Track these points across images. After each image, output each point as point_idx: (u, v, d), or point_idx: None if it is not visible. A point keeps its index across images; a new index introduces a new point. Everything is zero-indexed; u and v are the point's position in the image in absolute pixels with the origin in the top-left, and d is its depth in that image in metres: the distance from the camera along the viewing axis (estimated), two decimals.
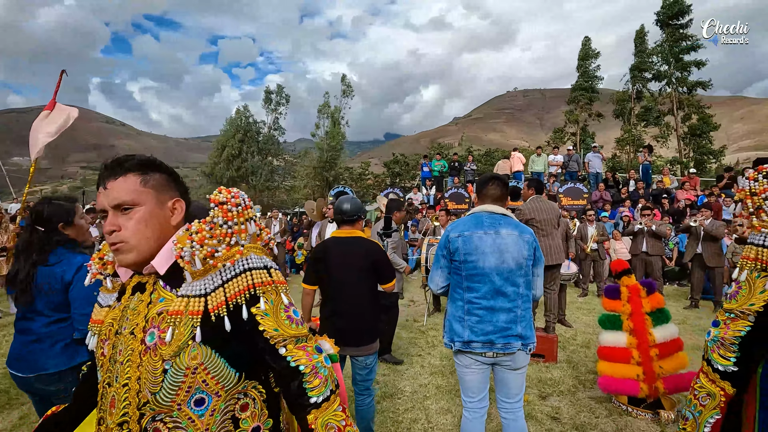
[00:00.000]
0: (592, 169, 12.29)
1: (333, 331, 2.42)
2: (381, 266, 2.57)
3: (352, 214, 2.60)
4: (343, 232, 2.61)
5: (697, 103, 27.86)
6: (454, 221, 2.23)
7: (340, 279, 2.49)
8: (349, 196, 2.78)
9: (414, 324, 5.63)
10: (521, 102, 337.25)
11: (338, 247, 2.56)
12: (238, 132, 34.98)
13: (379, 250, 2.65)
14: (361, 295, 2.51)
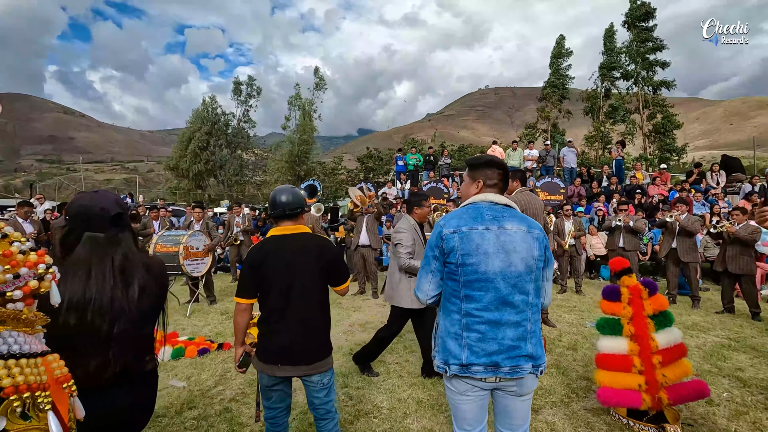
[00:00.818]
0: (566, 164, 12.25)
1: (277, 350, 2.04)
2: (336, 266, 2.21)
3: (296, 206, 2.16)
4: (284, 229, 2.16)
5: (662, 102, 28.91)
6: (445, 214, 1.81)
7: (287, 287, 2.05)
8: (287, 185, 2.34)
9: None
10: (492, 99, 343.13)
11: (281, 248, 2.10)
12: (205, 124, 33.56)
13: (333, 247, 2.30)
14: (313, 303, 2.12)
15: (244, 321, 2.13)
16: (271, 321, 2.08)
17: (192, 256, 5.95)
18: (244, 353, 2.15)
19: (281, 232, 2.14)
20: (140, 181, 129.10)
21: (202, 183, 33.97)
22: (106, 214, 1.59)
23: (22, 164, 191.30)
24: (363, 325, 5.28)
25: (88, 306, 1.42)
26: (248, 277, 2.09)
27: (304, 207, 2.24)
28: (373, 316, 5.72)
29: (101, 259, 1.53)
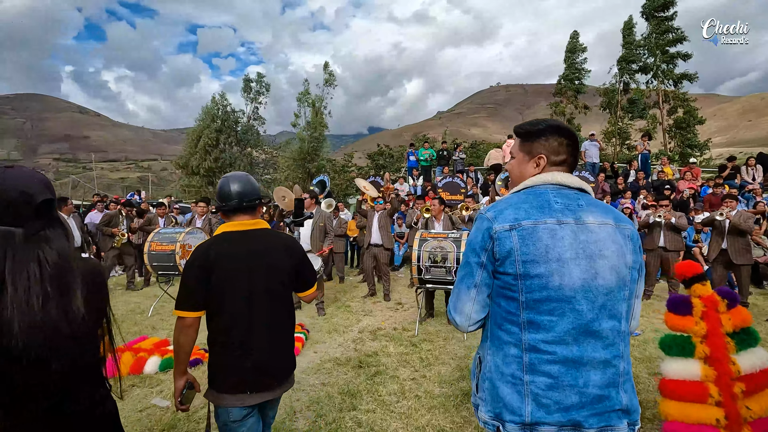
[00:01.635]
0: (588, 159, 11.60)
1: (247, 372, 1.64)
2: (304, 267, 1.87)
3: (254, 196, 1.78)
4: (240, 224, 1.75)
5: (683, 96, 27.92)
6: (494, 202, 1.30)
7: (248, 294, 1.66)
8: (240, 172, 1.93)
9: (403, 334, 4.73)
10: (503, 97, 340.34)
11: (239, 247, 1.70)
12: (214, 121, 33.39)
13: (300, 246, 1.93)
14: (282, 311, 1.77)
15: (190, 340, 1.65)
16: (232, 339, 1.64)
17: (189, 254, 5.51)
18: (186, 384, 1.70)
19: (237, 228, 1.74)
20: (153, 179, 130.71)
21: (212, 180, 33.85)
22: (29, 200, 1.10)
23: (39, 163, 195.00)
24: (374, 333, 4.79)
25: (5, 334, 0.95)
26: (194, 283, 1.62)
27: (261, 198, 1.88)
28: (384, 322, 5.23)
29: (22, 265, 1.04)
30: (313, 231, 5.69)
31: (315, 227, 5.70)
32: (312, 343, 4.42)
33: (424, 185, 11.31)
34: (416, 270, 4.56)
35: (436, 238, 4.62)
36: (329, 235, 5.83)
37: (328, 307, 6.01)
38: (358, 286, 7.79)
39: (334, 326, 5.01)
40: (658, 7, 28.13)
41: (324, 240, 5.77)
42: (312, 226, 5.69)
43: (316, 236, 5.69)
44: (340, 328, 4.95)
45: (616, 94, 30.09)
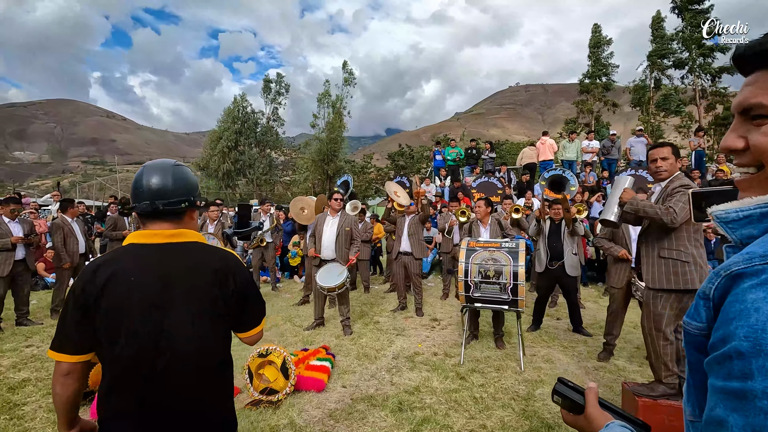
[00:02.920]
0: (634, 156, 10.62)
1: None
2: (247, 299, 1.30)
3: (179, 196, 1.25)
4: (154, 234, 1.22)
5: (723, 92, 26.38)
6: None
7: (151, 334, 1.13)
8: (161, 161, 1.32)
9: (446, 362, 3.99)
10: (523, 97, 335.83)
11: (143, 268, 1.18)
12: (235, 122, 33.32)
13: (242, 269, 1.32)
14: (204, 364, 1.19)
15: (69, 393, 1.18)
16: (120, 405, 1.11)
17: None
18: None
19: (147, 240, 1.21)
20: None
21: (231, 182, 33.77)
22: None
23: (69, 166, 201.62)
24: (411, 359, 4.06)
25: None
26: (74, 316, 1.13)
27: (194, 201, 1.29)
28: (421, 344, 4.50)
29: None
30: (338, 237, 5.02)
31: (340, 232, 5.03)
32: (339, 372, 3.72)
33: (453, 186, 10.54)
34: (463, 286, 3.81)
35: (487, 248, 3.88)
36: (356, 241, 5.15)
37: (355, 323, 5.32)
38: (385, 297, 7.08)
39: (364, 349, 4.31)
40: (693, 0, 26.78)
41: (351, 247, 5.10)
42: (337, 231, 5.02)
43: (341, 243, 5.02)
44: (370, 352, 4.24)
45: (647, 90, 28.79)
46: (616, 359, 4.10)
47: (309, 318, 5.52)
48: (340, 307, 4.99)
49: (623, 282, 4.05)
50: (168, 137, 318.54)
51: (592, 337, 4.81)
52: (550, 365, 3.91)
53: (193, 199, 1.27)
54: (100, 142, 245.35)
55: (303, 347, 4.31)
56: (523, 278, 3.63)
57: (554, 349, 4.36)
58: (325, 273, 4.87)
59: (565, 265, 4.90)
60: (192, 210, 1.29)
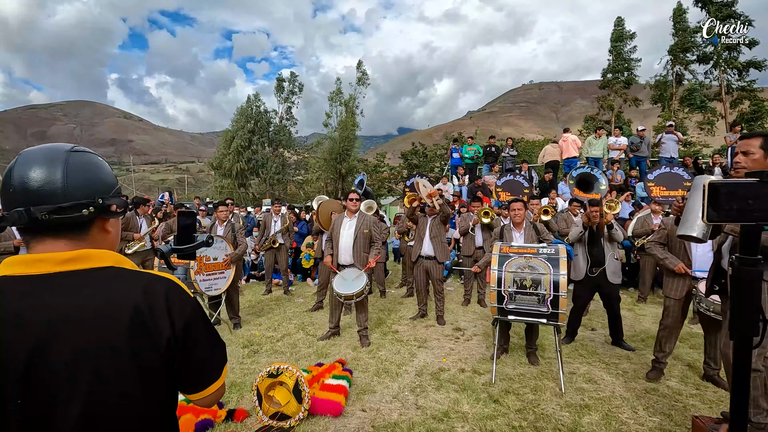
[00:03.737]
0: (664, 153, 10.03)
1: None
2: (195, 343, 0.87)
3: (82, 196, 0.82)
4: (39, 260, 0.79)
5: (750, 87, 25.33)
6: None
7: (32, 418, 0.71)
8: (48, 146, 0.84)
9: (476, 380, 3.59)
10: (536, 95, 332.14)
11: (23, 314, 0.74)
12: (248, 122, 33.30)
13: (183, 298, 0.87)
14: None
15: None
16: None
17: (208, 268, 4.60)
18: None
19: (27, 269, 0.78)
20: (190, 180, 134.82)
21: (244, 182, 33.75)
22: None
23: None
24: (436, 376, 3.67)
25: None
26: None
27: (107, 205, 0.86)
28: (445, 359, 4.10)
29: None
30: (357, 239, 4.65)
31: (359, 234, 4.65)
32: (358, 392, 3.35)
33: (473, 185, 10.10)
34: (496, 297, 3.40)
35: (523, 255, 3.46)
36: (376, 243, 4.77)
37: (372, 332, 4.95)
38: (403, 303, 6.70)
39: (384, 364, 3.93)
40: None
41: (370, 250, 4.72)
42: (355, 233, 4.65)
43: (359, 246, 4.65)
44: (391, 367, 3.86)
45: (669, 86, 27.85)
46: (667, 380, 3.64)
47: (323, 326, 5.17)
48: (357, 316, 4.63)
49: (682, 293, 3.59)
50: (184, 137, 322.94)
51: (635, 351, 4.35)
52: (593, 386, 3.48)
53: (103, 203, 0.83)
54: (118, 142, 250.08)
55: (317, 361, 3.95)
56: (565, 288, 3.21)
57: (594, 366, 3.93)
58: (343, 279, 4.51)
59: (606, 271, 4.45)
60: (104, 219, 0.86)
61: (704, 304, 3.34)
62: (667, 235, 3.76)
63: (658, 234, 3.83)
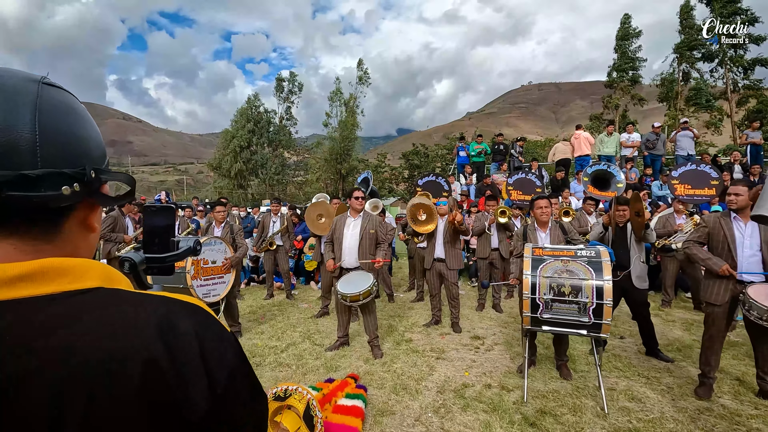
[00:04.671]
0: (680, 151, 9.65)
1: None
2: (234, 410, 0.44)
3: (60, 163, 0.42)
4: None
5: (756, 85, 25.02)
6: None
7: None
8: (5, 70, 0.44)
9: (505, 398, 3.20)
10: (536, 96, 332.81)
11: None
12: (248, 122, 32.96)
13: (223, 341, 0.46)
14: None
15: None
16: None
17: (206, 273, 4.21)
18: None
19: None
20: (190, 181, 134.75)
21: (243, 182, 33.39)
22: None
23: None
24: (460, 393, 3.29)
25: None
26: None
27: (96, 180, 0.47)
28: (468, 372, 3.72)
29: None
30: (362, 241, 4.26)
31: (364, 235, 4.27)
32: (375, 413, 2.96)
33: (482, 184, 9.72)
34: (529, 305, 3.02)
35: (559, 258, 3.08)
36: (382, 244, 4.38)
37: (384, 341, 4.56)
38: (413, 308, 6.32)
39: (401, 379, 3.55)
40: None
41: (377, 251, 4.34)
42: (360, 234, 4.26)
43: (365, 248, 4.26)
44: (409, 382, 3.47)
45: (675, 84, 27.55)
46: (719, 396, 3.26)
47: (330, 334, 4.78)
48: (365, 321, 4.23)
49: (725, 297, 3.22)
50: (184, 138, 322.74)
51: (674, 363, 3.97)
52: (638, 405, 3.09)
53: (96, 176, 0.48)
54: (117, 144, 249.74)
55: (326, 375, 3.56)
56: (610, 296, 2.83)
57: (634, 381, 3.54)
58: (346, 281, 4.13)
59: (631, 275, 4.08)
60: (90, 206, 0.51)
61: (756, 312, 2.96)
62: (707, 234, 3.38)
63: (698, 232, 3.46)
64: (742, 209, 3.23)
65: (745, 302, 3.04)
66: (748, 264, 3.19)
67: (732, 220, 3.27)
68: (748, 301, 3.01)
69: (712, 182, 6.62)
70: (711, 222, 3.38)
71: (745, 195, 3.20)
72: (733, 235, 3.18)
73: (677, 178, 6.90)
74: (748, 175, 8.55)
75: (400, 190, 34.61)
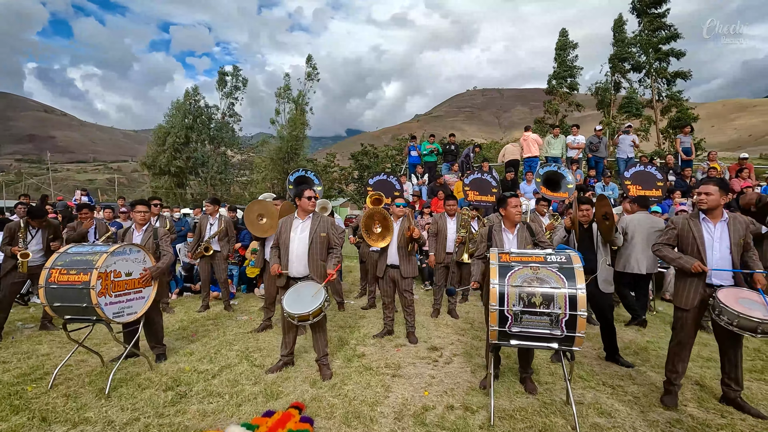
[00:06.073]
0: (621, 154, 10.04)
1: None
2: None
3: None
4: None
5: (677, 96, 27.31)
6: None
7: None
8: None
9: (470, 421, 2.87)
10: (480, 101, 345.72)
11: None
12: (186, 117, 30.83)
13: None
14: None
15: None
16: None
17: (119, 287, 3.50)
18: None
19: None
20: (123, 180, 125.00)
21: (182, 181, 31.23)
22: None
23: (1, 164, 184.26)
24: (420, 418, 2.90)
25: None
26: None
27: None
28: (428, 392, 3.34)
29: None
30: (312, 246, 3.74)
31: (314, 239, 3.76)
32: None
33: (435, 184, 9.50)
34: (497, 318, 2.69)
35: (528, 264, 2.78)
36: (335, 250, 3.90)
37: (334, 358, 4.09)
38: (365, 316, 5.89)
39: (353, 405, 3.10)
40: (651, 3, 27.67)
41: (329, 258, 3.85)
42: (310, 238, 3.75)
43: (315, 253, 3.75)
44: (362, 408, 3.03)
45: (609, 93, 29.47)
46: (684, 405, 3.14)
47: (273, 352, 4.23)
48: (315, 339, 3.74)
49: (695, 301, 3.10)
50: (116, 135, 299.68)
51: (634, 368, 3.86)
52: (609, 421, 2.87)
53: None
54: (37, 138, 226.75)
55: (266, 407, 3.03)
56: (584, 306, 2.57)
57: (600, 392, 3.35)
58: (295, 295, 3.60)
59: (598, 279, 3.94)
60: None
61: (726, 317, 2.85)
62: (676, 236, 3.26)
63: (667, 234, 3.33)
64: (712, 209, 3.11)
65: (715, 307, 2.92)
66: (718, 265, 3.08)
67: (701, 222, 3.15)
68: (718, 305, 2.89)
69: (658, 183, 6.82)
70: (680, 224, 3.26)
71: (715, 194, 3.08)
72: (702, 237, 3.07)
73: (629, 179, 7.05)
74: (681, 178, 9.02)
75: (350, 191, 34.09)
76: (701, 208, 3.12)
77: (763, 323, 2.70)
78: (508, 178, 9.74)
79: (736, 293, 2.91)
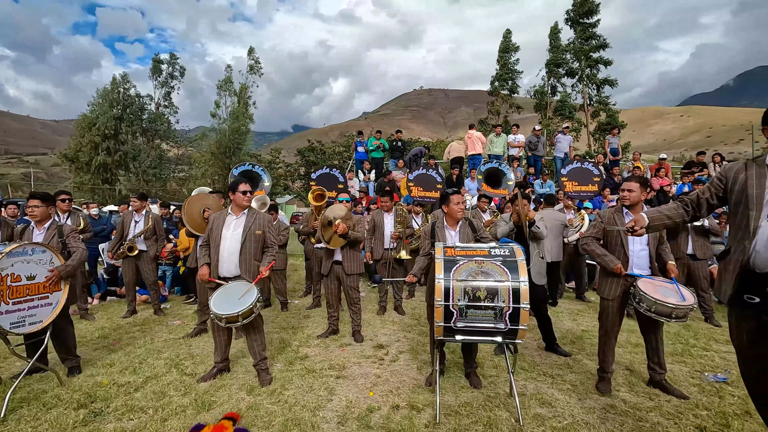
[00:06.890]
0: (558, 153, 10.56)
1: None
2: None
3: None
4: None
5: (605, 101, 29.45)
6: None
7: None
8: None
9: (416, 420, 2.79)
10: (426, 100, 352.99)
11: None
12: (114, 107, 28.43)
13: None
14: None
15: None
16: None
17: (17, 294, 3.03)
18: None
19: None
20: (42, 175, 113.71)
21: (110, 177, 28.78)
22: None
23: None
24: (365, 421, 2.78)
25: None
26: None
27: None
28: (373, 392, 3.23)
29: None
30: (245, 243, 3.48)
31: (248, 237, 3.50)
32: None
33: (383, 180, 9.42)
34: (442, 314, 2.63)
35: (473, 258, 2.74)
36: (271, 248, 3.65)
37: (275, 362, 3.86)
38: (309, 316, 5.67)
39: (293, 411, 2.90)
40: (583, 14, 29.57)
41: (263, 255, 3.60)
42: (243, 235, 3.48)
43: (249, 252, 3.49)
44: (304, 414, 2.85)
45: (546, 96, 31.16)
46: (617, 390, 3.28)
47: (207, 359, 3.91)
48: (249, 343, 3.49)
49: (617, 292, 3.26)
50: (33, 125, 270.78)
51: (572, 357, 4.00)
52: (550, 411, 2.92)
53: None
54: None
55: (196, 419, 2.76)
56: (527, 299, 2.57)
57: (541, 382, 3.42)
58: (224, 296, 3.33)
59: (531, 271, 4.03)
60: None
61: (645, 304, 3.01)
62: (603, 229, 3.41)
63: (595, 228, 3.48)
64: (634, 205, 3.30)
65: (636, 295, 3.09)
66: (638, 257, 3.29)
67: (624, 216, 3.33)
68: (638, 293, 3.06)
69: (595, 179, 7.20)
70: (606, 218, 3.43)
71: (637, 191, 3.27)
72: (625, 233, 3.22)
73: (566, 176, 7.38)
74: (610, 176, 9.64)
75: (296, 188, 33.28)
76: (624, 204, 3.32)
77: (677, 308, 2.89)
78: (453, 174, 9.90)
79: (655, 283, 3.11)
